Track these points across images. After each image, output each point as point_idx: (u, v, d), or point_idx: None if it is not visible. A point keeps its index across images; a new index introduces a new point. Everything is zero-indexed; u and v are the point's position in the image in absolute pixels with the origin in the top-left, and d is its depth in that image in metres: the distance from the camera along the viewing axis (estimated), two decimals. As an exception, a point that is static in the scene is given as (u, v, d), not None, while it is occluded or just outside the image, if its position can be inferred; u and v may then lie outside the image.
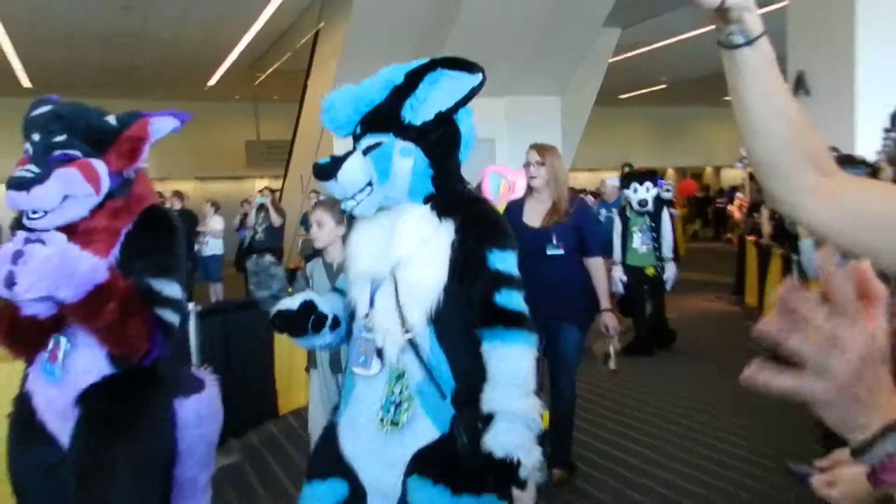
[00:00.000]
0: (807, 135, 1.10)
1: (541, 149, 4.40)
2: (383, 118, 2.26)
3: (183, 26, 13.70)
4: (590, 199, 9.56)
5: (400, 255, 2.22)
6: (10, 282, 2.17)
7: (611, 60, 15.41)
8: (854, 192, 1.10)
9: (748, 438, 5.39)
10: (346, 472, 2.32)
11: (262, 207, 11.78)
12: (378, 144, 2.24)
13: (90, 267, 2.26)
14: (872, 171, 4.44)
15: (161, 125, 2.63)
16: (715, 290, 12.46)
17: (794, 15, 9.52)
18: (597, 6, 12.32)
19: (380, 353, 2.24)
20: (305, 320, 2.40)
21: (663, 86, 22.31)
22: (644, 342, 7.93)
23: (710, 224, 24.42)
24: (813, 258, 4.69)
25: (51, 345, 2.48)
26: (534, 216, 4.35)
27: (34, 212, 2.37)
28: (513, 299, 2.22)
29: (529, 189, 4.47)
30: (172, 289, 2.50)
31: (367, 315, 2.30)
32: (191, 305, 5.44)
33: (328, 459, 2.37)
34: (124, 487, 2.39)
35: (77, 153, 2.43)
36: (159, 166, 22.35)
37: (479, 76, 2.22)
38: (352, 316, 2.43)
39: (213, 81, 19.04)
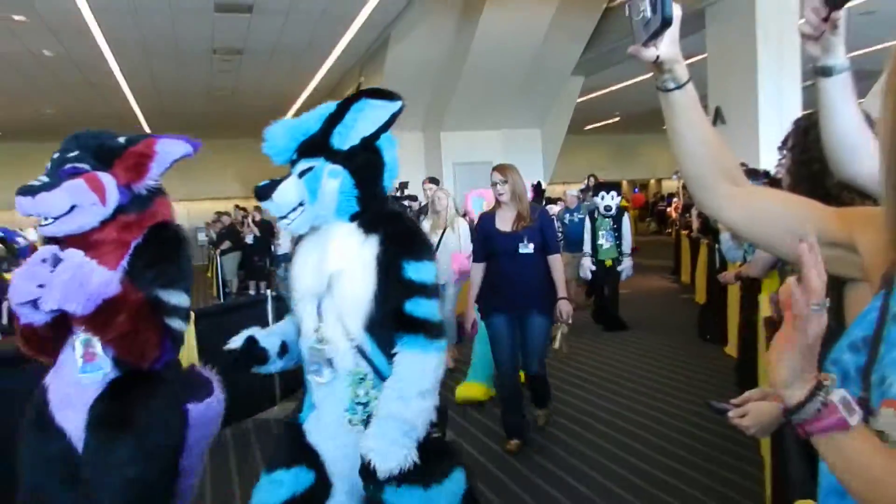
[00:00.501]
0: (723, 156, 1.12)
1: (502, 169, 4.03)
2: (316, 145, 1.96)
3: (262, 84, 13.74)
4: (558, 205, 9.09)
5: (332, 271, 1.91)
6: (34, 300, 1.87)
7: (578, 101, 15.35)
8: (758, 199, 1.12)
9: (682, 388, 5.37)
10: (311, 462, 1.98)
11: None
12: (310, 168, 1.94)
13: (102, 281, 1.92)
14: (771, 181, 4.43)
15: (171, 147, 2.26)
16: (659, 271, 12.42)
17: (712, 63, 9.52)
18: (565, 61, 12.35)
19: (330, 361, 1.93)
20: (249, 357, 2.08)
21: (617, 118, 22.22)
22: (615, 319, 7.61)
23: (655, 221, 24.49)
24: (730, 247, 4.69)
25: (79, 348, 2.05)
26: (505, 223, 3.99)
27: (45, 218, 2.04)
28: (420, 307, 1.87)
29: (497, 202, 4.07)
30: (179, 298, 2.14)
31: (316, 329, 1.95)
32: (268, 292, 5.48)
33: (293, 449, 2.02)
34: (131, 481, 1.98)
35: (86, 167, 2.11)
36: (246, 187, 22.53)
37: (399, 104, 1.94)
38: (301, 332, 2.06)
39: (283, 123, 19.05)
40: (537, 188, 9.04)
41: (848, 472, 0.77)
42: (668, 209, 18.66)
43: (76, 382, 2.05)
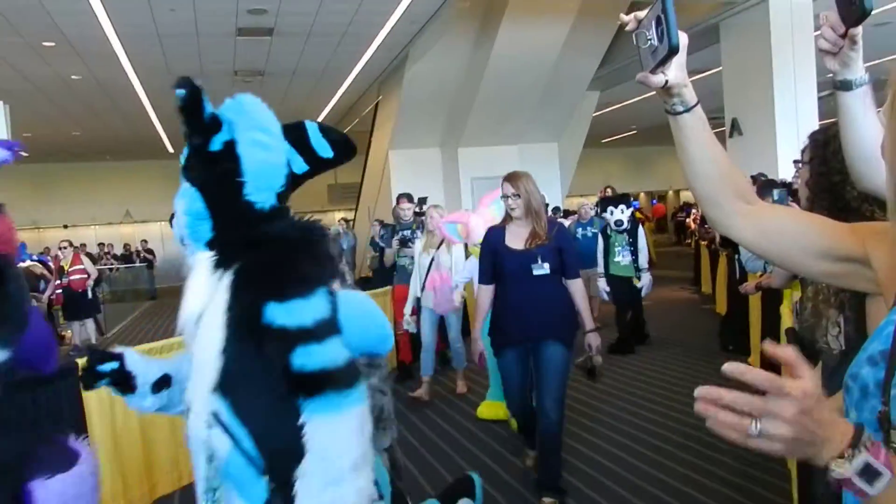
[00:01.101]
0: (733, 174, 1.13)
1: (514, 179, 3.45)
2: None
3: (282, 105, 13.91)
4: (569, 220, 8.77)
5: (184, 318, 1.47)
6: None
7: (594, 115, 15.35)
8: (769, 216, 1.12)
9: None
10: None
11: (337, 234, 11.97)
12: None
13: None
14: (790, 191, 4.38)
15: None
16: (679, 282, 12.31)
17: (727, 76, 9.50)
18: (581, 76, 12.38)
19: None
20: (94, 375, 1.63)
21: (634, 131, 22.15)
22: (626, 342, 7.02)
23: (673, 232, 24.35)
24: (749, 257, 4.64)
25: None
26: (516, 240, 3.43)
27: None
28: (312, 357, 1.35)
29: (508, 215, 3.50)
30: None
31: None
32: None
33: None
34: None
35: None
36: (267, 205, 22.72)
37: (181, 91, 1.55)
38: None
39: (303, 142, 19.24)
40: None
41: None
42: (687, 220, 18.52)
43: None
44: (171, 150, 18.37)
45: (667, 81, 1.06)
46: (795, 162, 1.76)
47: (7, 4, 7.55)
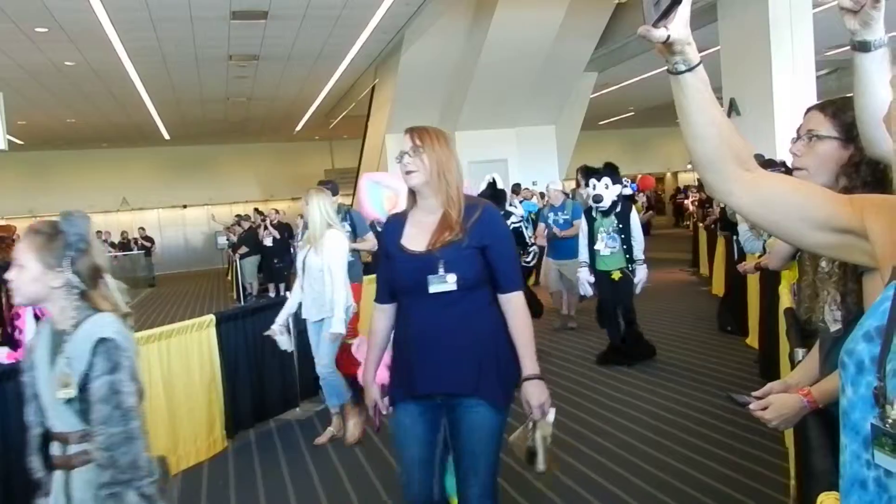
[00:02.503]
0: (734, 139, 1.10)
1: (419, 132, 2.28)
2: None
3: (278, 89, 13.84)
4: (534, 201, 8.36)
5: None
6: None
7: (591, 96, 15.28)
8: (767, 184, 1.10)
9: (704, 380, 5.33)
10: None
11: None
12: None
13: None
14: (787, 170, 4.37)
15: None
16: (677, 264, 12.33)
17: (725, 56, 9.47)
18: (578, 58, 12.32)
19: None
20: None
21: (631, 113, 22.05)
22: (616, 352, 5.80)
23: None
24: (748, 238, 4.65)
25: None
26: (419, 235, 2.18)
27: None
28: None
29: (412, 194, 2.26)
30: None
31: None
32: (287, 294, 5.50)
33: None
34: None
35: None
36: (265, 190, 22.69)
37: None
38: None
39: (299, 127, 19.20)
40: (493, 188, 6.20)
41: None
42: (686, 202, 18.50)
43: None
44: (167, 136, 18.30)
45: (669, 37, 1.03)
46: (794, 140, 1.68)
47: (-2, -10, 7.47)
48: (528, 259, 7.15)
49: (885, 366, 0.83)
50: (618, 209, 5.57)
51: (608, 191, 5.50)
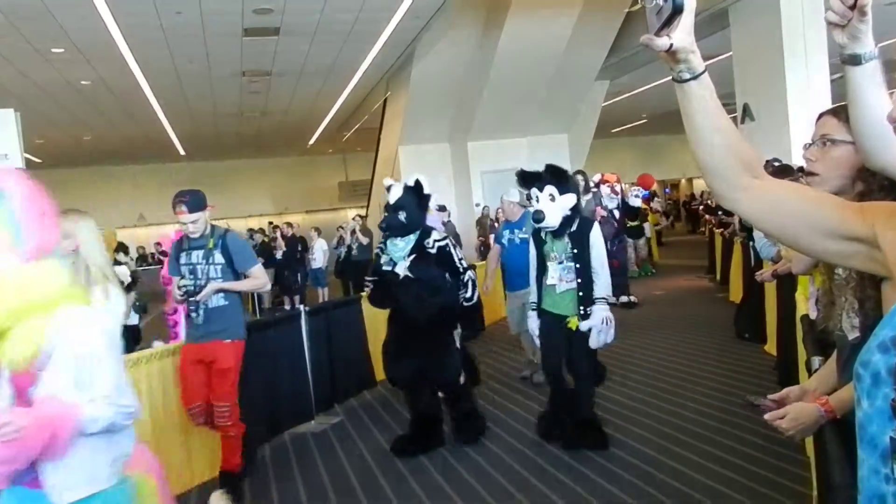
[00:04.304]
0: (740, 145, 1.09)
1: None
2: None
3: (291, 104, 13.94)
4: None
5: None
6: None
7: (603, 104, 15.26)
8: (775, 192, 1.09)
9: (722, 388, 5.27)
10: None
11: (353, 231, 11.98)
12: None
13: None
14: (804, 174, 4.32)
15: None
16: (694, 271, 12.24)
17: (737, 61, 9.40)
18: (589, 66, 12.30)
19: None
20: None
21: (644, 120, 22.00)
22: (557, 423, 4.24)
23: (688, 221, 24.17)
24: (764, 244, 4.60)
25: None
26: None
27: None
28: None
29: None
30: None
31: None
32: (301, 307, 5.53)
33: None
34: None
35: None
36: (279, 204, 22.84)
37: None
38: None
39: (312, 140, 19.31)
40: (415, 192, 4.26)
41: None
42: (701, 209, 18.38)
43: None
44: (182, 152, 18.48)
45: (671, 45, 1.01)
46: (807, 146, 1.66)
47: (15, 12, 7.60)
48: (468, 295, 4.29)
49: (902, 377, 0.81)
50: (573, 228, 4.08)
51: (554, 204, 4.02)
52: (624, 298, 8.75)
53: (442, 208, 7.77)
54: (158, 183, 21.79)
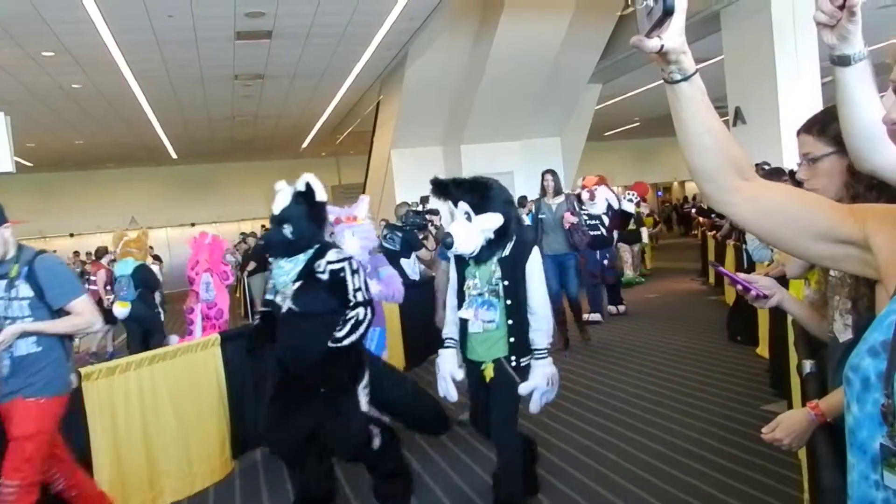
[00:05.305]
0: (730, 147, 1.08)
1: None
2: None
3: (284, 107, 13.92)
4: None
5: None
6: None
7: (596, 108, 15.30)
8: (767, 194, 1.08)
9: (714, 391, 5.27)
10: None
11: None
12: None
13: None
14: (794, 181, 4.33)
15: None
16: (687, 273, 12.26)
17: (729, 65, 9.45)
18: (582, 69, 12.36)
19: None
20: None
21: (636, 123, 22.06)
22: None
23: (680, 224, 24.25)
24: (757, 247, 4.62)
25: None
26: None
27: None
28: None
29: None
30: None
31: None
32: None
33: None
34: None
35: None
36: (269, 210, 22.76)
37: None
38: None
39: (305, 144, 19.29)
40: (307, 198, 3.64)
41: None
42: (693, 212, 18.44)
43: None
44: (174, 155, 18.42)
45: (662, 46, 1.01)
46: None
47: (5, 15, 7.56)
48: (339, 335, 3.11)
49: (892, 382, 0.80)
50: (505, 252, 3.07)
51: (470, 225, 3.01)
52: (612, 309, 8.57)
53: (434, 212, 7.74)
54: (150, 186, 21.73)
